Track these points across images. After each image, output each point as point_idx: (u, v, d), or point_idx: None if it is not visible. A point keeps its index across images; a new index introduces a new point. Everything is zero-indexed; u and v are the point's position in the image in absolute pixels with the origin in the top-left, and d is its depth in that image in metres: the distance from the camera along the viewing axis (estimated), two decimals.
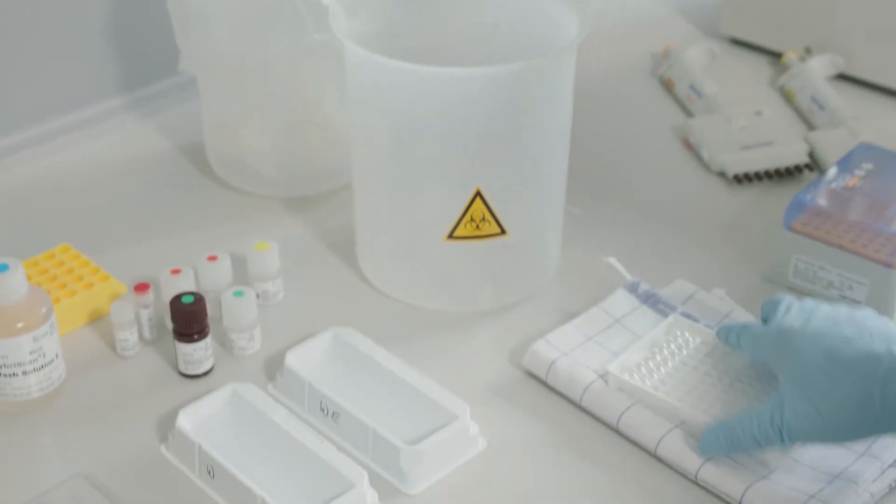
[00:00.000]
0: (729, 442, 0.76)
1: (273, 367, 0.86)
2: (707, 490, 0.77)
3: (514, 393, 0.84)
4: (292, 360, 0.83)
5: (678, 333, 0.86)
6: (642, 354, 0.84)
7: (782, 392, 0.74)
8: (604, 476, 0.78)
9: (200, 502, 0.76)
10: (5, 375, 0.80)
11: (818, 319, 0.75)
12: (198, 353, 0.84)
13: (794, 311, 0.77)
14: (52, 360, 0.81)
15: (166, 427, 0.81)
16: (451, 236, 0.88)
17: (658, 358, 0.84)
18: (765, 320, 0.80)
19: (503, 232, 0.89)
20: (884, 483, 0.76)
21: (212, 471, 0.76)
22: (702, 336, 0.85)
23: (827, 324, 0.75)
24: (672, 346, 0.85)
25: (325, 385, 0.81)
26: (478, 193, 0.87)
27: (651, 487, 0.77)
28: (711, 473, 0.76)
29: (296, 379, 0.83)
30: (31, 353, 0.79)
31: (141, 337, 0.88)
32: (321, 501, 0.73)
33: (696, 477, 0.77)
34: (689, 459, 0.77)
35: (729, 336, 0.82)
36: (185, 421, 0.78)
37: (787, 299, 0.79)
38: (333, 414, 0.80)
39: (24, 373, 0.80)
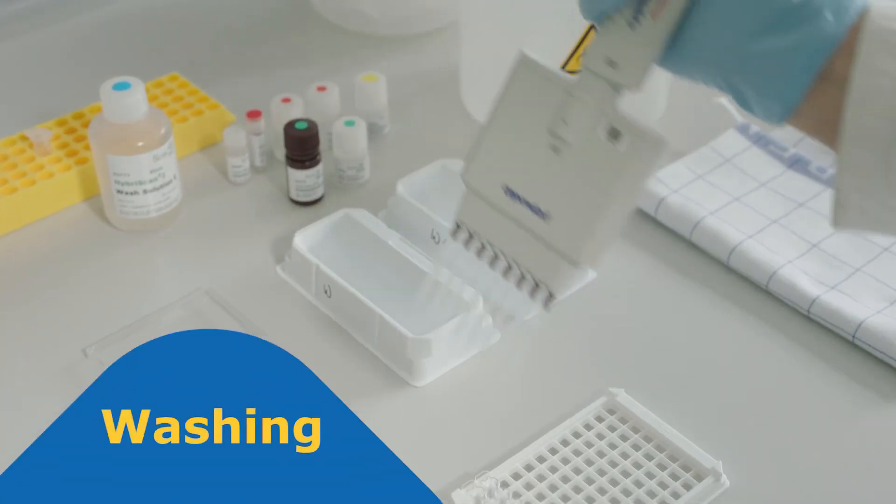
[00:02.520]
0: None
1: (382, 197, 0.87)
2: (819, 324, 0.77)
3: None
4: (403, 188, 0.84)
5: None
6: None
7: None
8: (715, 310, 0.79)
9: (317, 319, 0.77)
10: (127, 193, 0.81)
11: None
12: (310, 180, 0.85)
13: None
14: (170, 181, 0.82)
15: (281, 249, 0.82)
16: (562, 70, 0.87)
17: None
18: None
19: None
20: None
21: (328, 290, 0.77)
22: None
23: None
24: None
25: (437, 213, 0.82)
26: (592, 26, 0.85)
27: (762, 323, 0.78)
28: (824, 308, 0.76)
29: (406, 206, 0.83)
30: (151, 171, 0.81)
31: (252, 164, 0.89)
32: (436, 323, 0.74)
33: (808, 311, 0.77)
34: (802, 294, 0.77)
35: None
36: (302, 242, 0.79)
37: None
38: (444, 241, 0.81)
39: (145, 191, 0.81)
